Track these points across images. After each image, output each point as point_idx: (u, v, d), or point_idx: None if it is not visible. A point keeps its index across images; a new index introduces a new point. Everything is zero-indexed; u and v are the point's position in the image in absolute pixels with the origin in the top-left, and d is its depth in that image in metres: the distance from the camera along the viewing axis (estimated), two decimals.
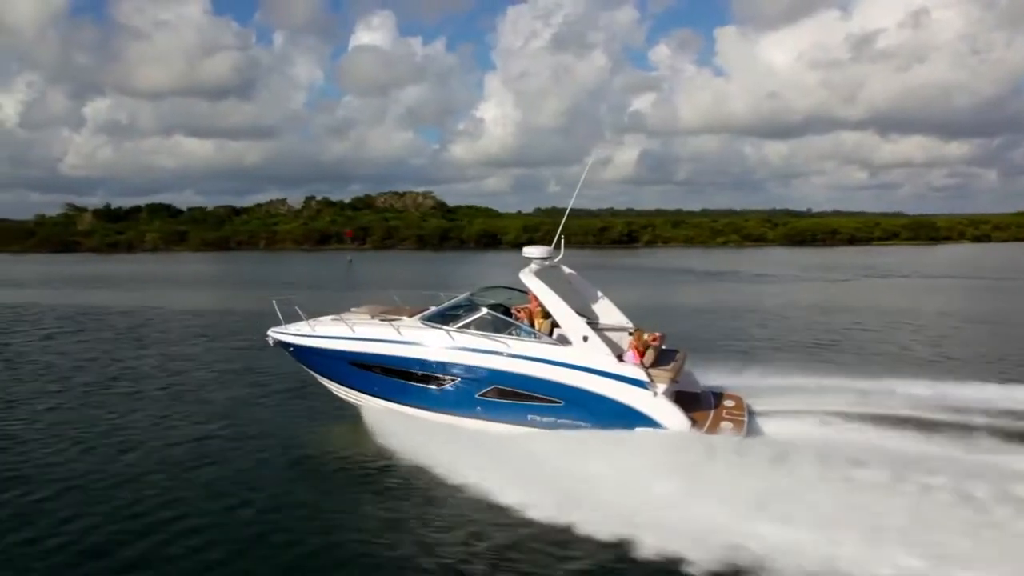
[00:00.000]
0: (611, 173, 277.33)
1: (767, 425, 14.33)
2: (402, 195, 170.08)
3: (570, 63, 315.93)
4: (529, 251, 14.94)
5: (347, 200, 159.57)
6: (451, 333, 14.14)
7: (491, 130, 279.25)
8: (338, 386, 15.55)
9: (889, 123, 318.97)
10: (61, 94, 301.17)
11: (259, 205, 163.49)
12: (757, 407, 14.97)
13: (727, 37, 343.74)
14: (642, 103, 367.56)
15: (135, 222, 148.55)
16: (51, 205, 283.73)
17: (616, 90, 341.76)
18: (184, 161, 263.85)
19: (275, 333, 15.63)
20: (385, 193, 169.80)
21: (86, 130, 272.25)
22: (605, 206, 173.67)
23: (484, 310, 14.54)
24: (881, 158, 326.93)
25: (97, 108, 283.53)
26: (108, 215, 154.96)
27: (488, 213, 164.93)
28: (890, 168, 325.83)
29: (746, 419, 13.97)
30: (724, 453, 12.28)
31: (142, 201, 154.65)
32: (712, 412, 14.27)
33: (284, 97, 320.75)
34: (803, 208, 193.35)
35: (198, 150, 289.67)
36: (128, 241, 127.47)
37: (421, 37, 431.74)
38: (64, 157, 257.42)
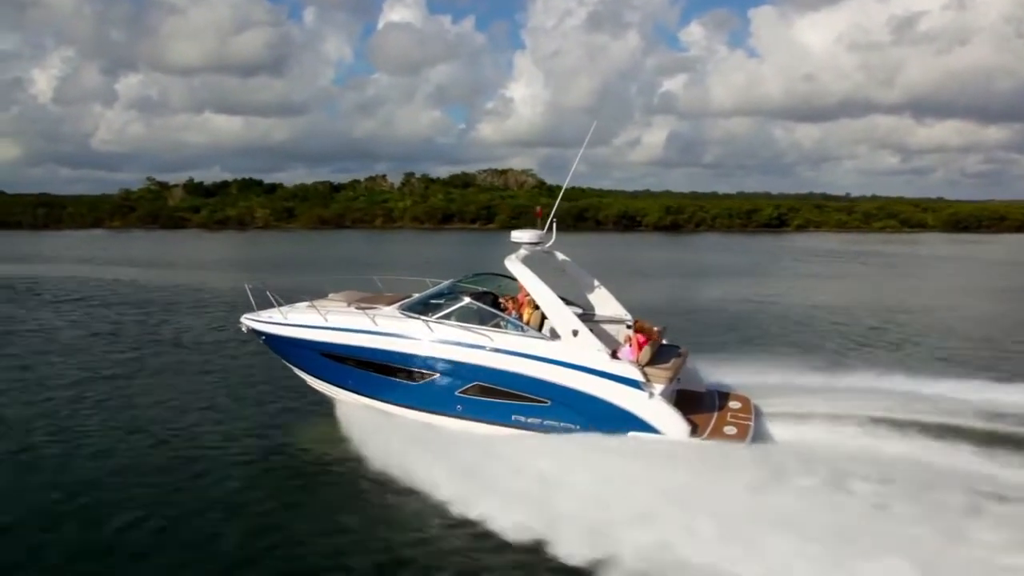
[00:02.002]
0: (638, 155, 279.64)
1: (776, 429, 13.35)
2: (503, 172, 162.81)
3: (602, 43, 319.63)
4: (517, 235, 14.00)
5: (444, 177, 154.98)
6: (430, 324, 13.29)
7: (519, 110, 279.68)
8: (312, 378, 14.88)
9: (925, 107, 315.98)
10: (94, 70, 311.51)
11: (357, 181, 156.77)
12: (769, 408, 13.96)
13: (763, 17, 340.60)
14: (673, 84, 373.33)
15: (226, 197, 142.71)
16: (82, 180, 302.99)
17: (647, 71, 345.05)
18: (213, 137, 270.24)
19: (247, 320, 14.95)
20: (484, 170, 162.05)
21: (118, 105, 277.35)
22: (631, 188, 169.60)
23: (466, 299, 13.68)
24: (915, 143, 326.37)
25: (129, 84, 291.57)
26: (197, 190, 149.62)
27: (587, 193, 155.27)
28: (923, 153, 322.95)
29: (752, 423, 12.86)
30: (720, 465, 11.20)
31: (171, 177, 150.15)
32: (715, 415, 13.23)
33: (314, 74, 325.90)
34: (841, 192, 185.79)
35: (226, 126, 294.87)
36: (239, 218, 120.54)
37: (451, 15, 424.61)
38: (95, 132, 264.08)
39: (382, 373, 13.65)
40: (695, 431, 12.39)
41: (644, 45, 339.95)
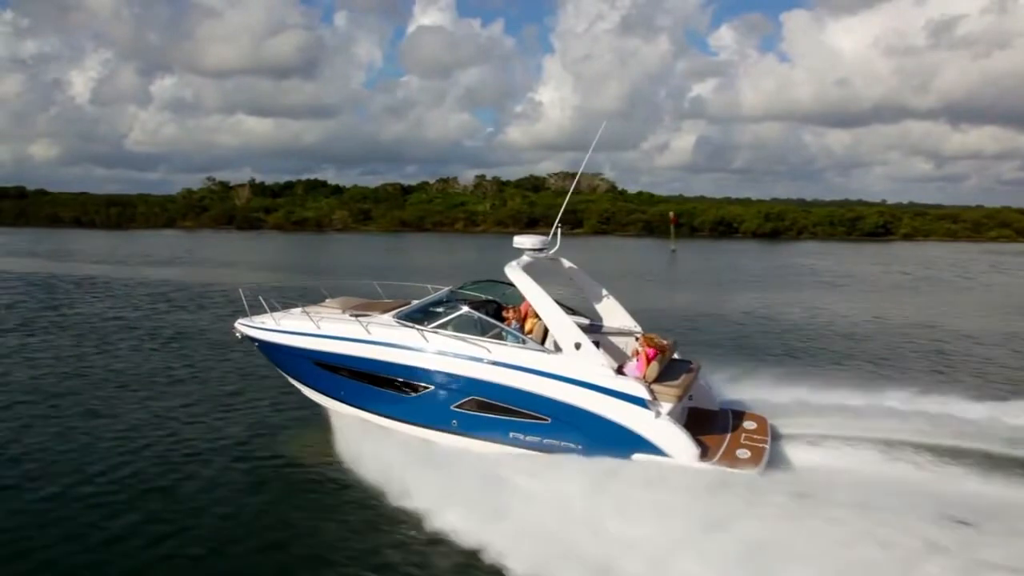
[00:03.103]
0: (666, 159, 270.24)
1: (795, 453, 12.62)
2: (574, 175, 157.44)
3: (631, 47, 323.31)
4: (520, 241, 13.50)
5: (513, 180, 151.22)
6: (424, 334, 12.77)
7: (548, 113, 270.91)
8: (305, 387, 14.48)
9: (961, 112, 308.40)
10: (131, 71, 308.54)
11: (427, 183, 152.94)
12: (787, 429, 13.35)
13: (795, 21, 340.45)
14: (704, 88, 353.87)
15: (292, 197, 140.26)
16: (116, 180, 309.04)
17: (677, 75, 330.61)
18: (244, 139, 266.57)
19: (241, 326, 14.61)
20: (555, 174, 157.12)
21: (152, 107, 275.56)
22: (658, 193, 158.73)
23: (465, 308, 13.13)
24: (949, 149, 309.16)
25: (163, 86, 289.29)
26: (263, 190, 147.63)
27: (655, 199, 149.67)
28: (958, 160, 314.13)
29: (767, 447, 12.11)
30: (728, 493, 10.46)
31: (200, 176, 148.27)
32: (728, 436, 12.51)
33: (345, 77, 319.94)
34: (876, 199, 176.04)
35: (257, 128, 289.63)
36: (316, 219, 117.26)
37: (480, 18, 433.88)
38: (129, 133, 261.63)
39: (375, 384, 13.19)
40: (705, 454, 11.73)
41: (674, 49, 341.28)
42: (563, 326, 12.46)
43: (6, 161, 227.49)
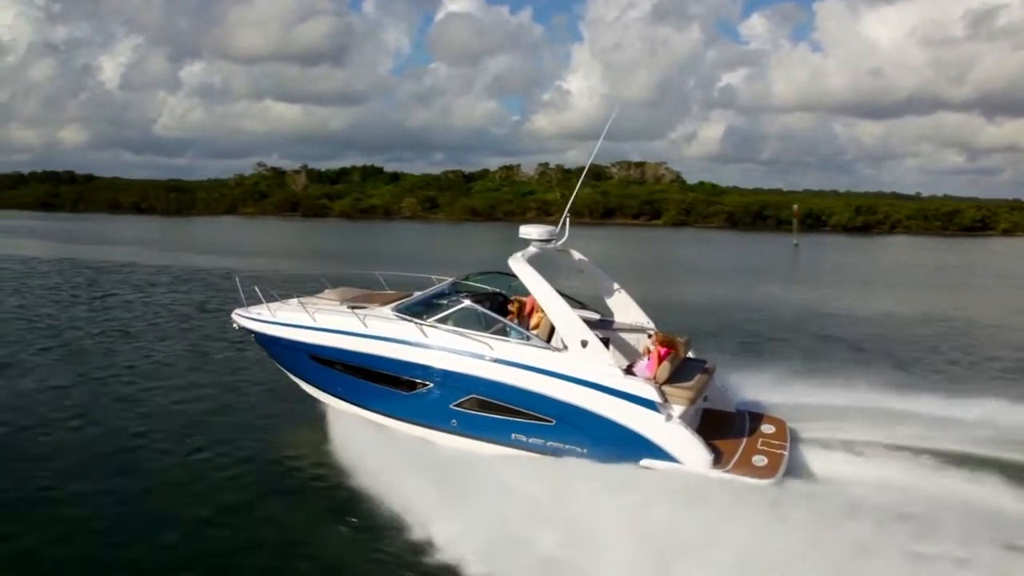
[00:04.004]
0: (693, 150, 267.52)
1: (815, 459, 11.88)
2: (639, 165, 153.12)
3: (661, 35, 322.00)
4: (527, 231, 12.92)
5: (570, 168, 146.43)
6: (423, 328, 12.25)
7: (576, 102, 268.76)
8: (301, 381, 14.11)
9: (997, 105, 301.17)
10: (161, 57, 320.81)
11: (488, 171, 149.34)
12: (808, 432, 12.67)
13: (829, 10, 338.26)
14: (734, 78, 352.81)
15: (349, 184, 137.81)
16: (144, 166, 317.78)
17: (707, 64, 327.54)
18: (271, 125, 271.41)
19: (237, 316, 14.30)
20: (618, 162, 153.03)
21: (181, 93, 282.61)
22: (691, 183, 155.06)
23: (467, 302, 12.63)
24: (983, 141, 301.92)
25: (193, 72, 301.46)
26: (320, 177, 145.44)
27: (717, 190, 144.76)
28: (992, 152, 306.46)
29: (786, 453, 11.47)
30: (739, 506, 9.81)
31: (232, 163, 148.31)
32: (744, 441, 11.85)
33: (374, 63, 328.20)
34: (911, 191, 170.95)
35: (285, 114, 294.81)
36: (384, 207, 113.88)
37: (508, 6, 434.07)
38: (158, 119, 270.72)
39: (371, 380, 12.69)
40: (718, 461, 11.06)
41: (705, 38, 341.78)
42: (569, 322, 11.86)
43: (37, 145, 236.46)
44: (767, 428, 12.36)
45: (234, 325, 14.32)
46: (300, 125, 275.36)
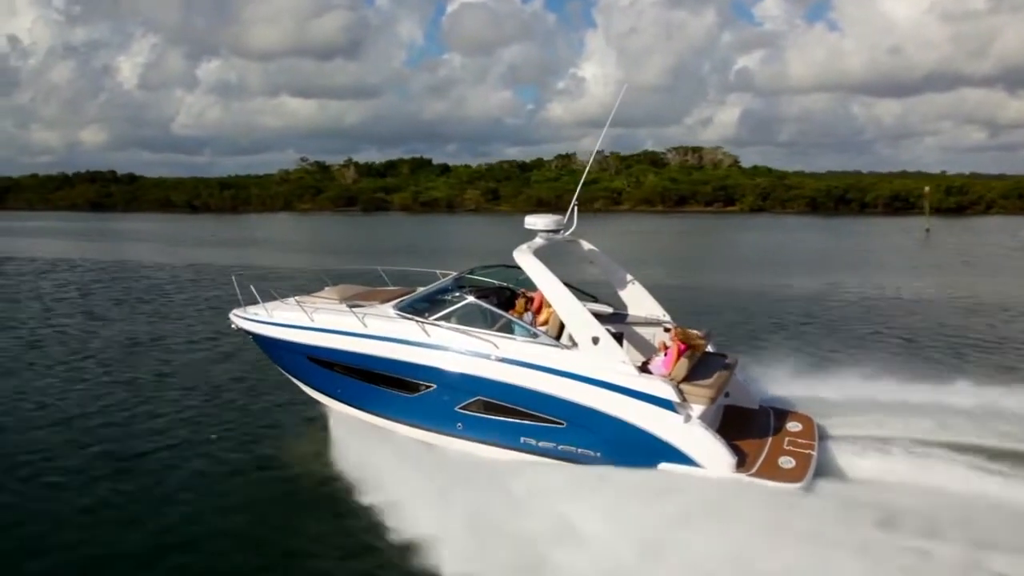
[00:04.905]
0: (710, 134, 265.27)
1: (845, 458, 11.10)
2: (696, 150, 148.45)
3: (675, 19, 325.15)
4: (533, 221, 12.33)
5: (629, 153, 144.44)
6: (425, 327, 11.72)
7: (591, 89, 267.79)
8: (301, 384, 13.68)
9: (1021, 78, 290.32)
10: (178, 56, 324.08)
11: (541, 160, 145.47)
12: (837, 430, 11.98)
13: None
14: (750, 60, 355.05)
15: (400, 178, 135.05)
16: (161, 164, 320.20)
17: (723, 47, 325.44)
18: (287, 121, 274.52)
19: (235, 317, 13.87)
20: (674, 148, 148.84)
21: (198, 91, 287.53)
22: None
23: (469, 298, 12.04)
24: (1006, 117, 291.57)
25: (209, 69, 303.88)
26: (368, 170, 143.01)
27: (771, 172, 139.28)
28: (1015, 128, 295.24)
29: (814, 453, 10.77)
30: (764, 515, 9.15)
31: (247, 160, 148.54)
32: (769, 441, 11.19)
33: (388, 56, 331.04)
34: (935, 170, 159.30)
35: (301, 110, 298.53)
36: (447, 200, 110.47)
37: None
38: (176, 117, 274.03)
39: (372, 382, 12.21)
40: (742, 464, 10.39)
41: (720, 20, 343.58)
42: (579, 318, 11.23)
43: (58, 147, 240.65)
44: (793, 426, 11.73)
45: (232, 326, 13.89)
46: (316, 119, 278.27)
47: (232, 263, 40.93)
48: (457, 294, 12.53)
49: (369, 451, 11.75)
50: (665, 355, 11.25)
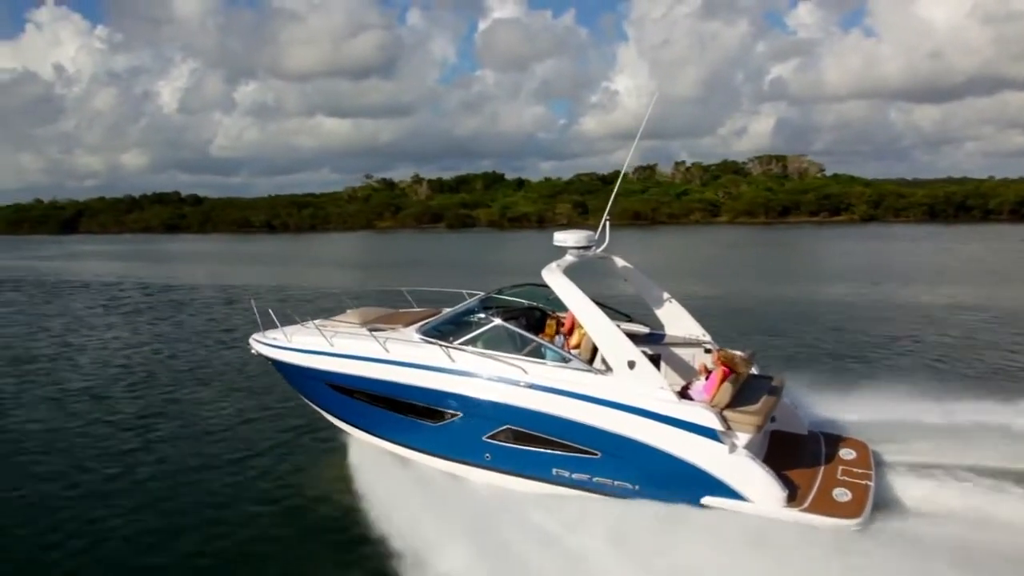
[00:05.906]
0: (744, 144, 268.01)
1: (906, 488, 10.30)
2: (780, 159, 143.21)
3: (708, 30, 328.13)
4: (562, 237, 11.70)
5: (708, 164, 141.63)
6: (449, 351, 11.20)
7: (623, 102, 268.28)
8: (321, 411, 13.31)
9: None
10: (217, 79, 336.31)
11: (619, 172, 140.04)
12: (892, 456, 11.12)
13: None
14: (784, 69, 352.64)
15: (472, 193, 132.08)
16: (199, 186, 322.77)
17: (756, 56, 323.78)
18: (322, 141, 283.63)
19: (254, 342, 13.60)
20: (754, 159, 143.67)
21: (236, 113, 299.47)
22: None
23: (496, 320, 11.50)
24: None
25: (246, 91, 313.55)
26: (441, 187, 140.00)
27: (857, 181, 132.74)
28: None
29: (872, 483, 9.97)
30: (824, 558, 8.42)
31: (283, 180, 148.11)
32: (821, 471, 10.42)
33: (422, 74, 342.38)
34: (983, 175, 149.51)
35: (337, 129, 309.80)
36: (537, 215, 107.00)
37: (551, 9, 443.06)
38: (214, 139, 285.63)
39: (395, 411, 11.70)
40: (793, 497, 9.67)
41: (753, 30, 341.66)
42: (613, 340, 10.58)
43: (102, 170, 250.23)
44: (847, 453, 10.86)
45: (252, 351, 13.60)
46: (351, 139, 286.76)
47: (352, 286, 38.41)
48: (484, 316, 12.08)
49: (391, 482, 11.36)
50: (707, 379, 10.63)
